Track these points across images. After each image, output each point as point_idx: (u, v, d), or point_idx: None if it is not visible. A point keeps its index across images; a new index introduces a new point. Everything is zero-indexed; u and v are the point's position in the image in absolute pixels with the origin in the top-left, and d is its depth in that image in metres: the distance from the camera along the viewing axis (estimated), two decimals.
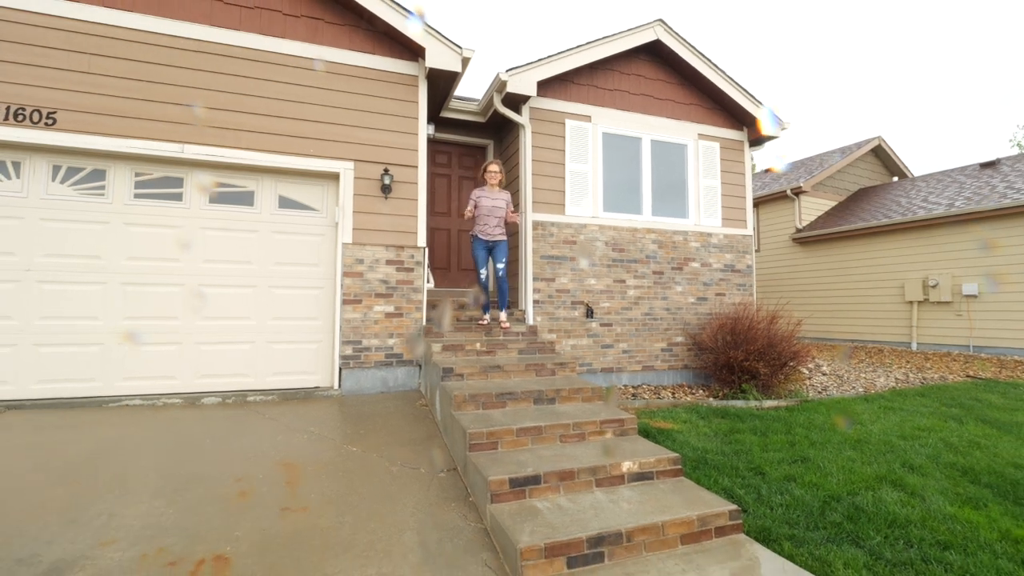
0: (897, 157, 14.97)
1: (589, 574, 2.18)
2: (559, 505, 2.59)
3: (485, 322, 5.20)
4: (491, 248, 5.15)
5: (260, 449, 3.55)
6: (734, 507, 2.59)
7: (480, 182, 5.27)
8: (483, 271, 5.18)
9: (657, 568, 2.22)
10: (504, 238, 5.18)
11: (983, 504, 3.04)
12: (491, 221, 5.07)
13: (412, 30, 5.01)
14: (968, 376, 7.89)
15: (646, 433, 4.08)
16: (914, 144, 46.99)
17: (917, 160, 46.12)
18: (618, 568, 2.22)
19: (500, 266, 5.15)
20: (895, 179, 15.01)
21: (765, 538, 2.58)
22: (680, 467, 3.04)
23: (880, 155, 14.99)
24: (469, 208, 5.06)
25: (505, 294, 5.28)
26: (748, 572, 2.20)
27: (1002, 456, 3.92)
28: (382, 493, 2.97)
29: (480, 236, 5.12)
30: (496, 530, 2.47)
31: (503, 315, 5.26)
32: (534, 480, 2.71)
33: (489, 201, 5.07)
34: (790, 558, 2.37)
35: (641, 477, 2.91)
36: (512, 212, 5.16)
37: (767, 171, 15.51)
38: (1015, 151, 21.99)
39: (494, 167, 5.15)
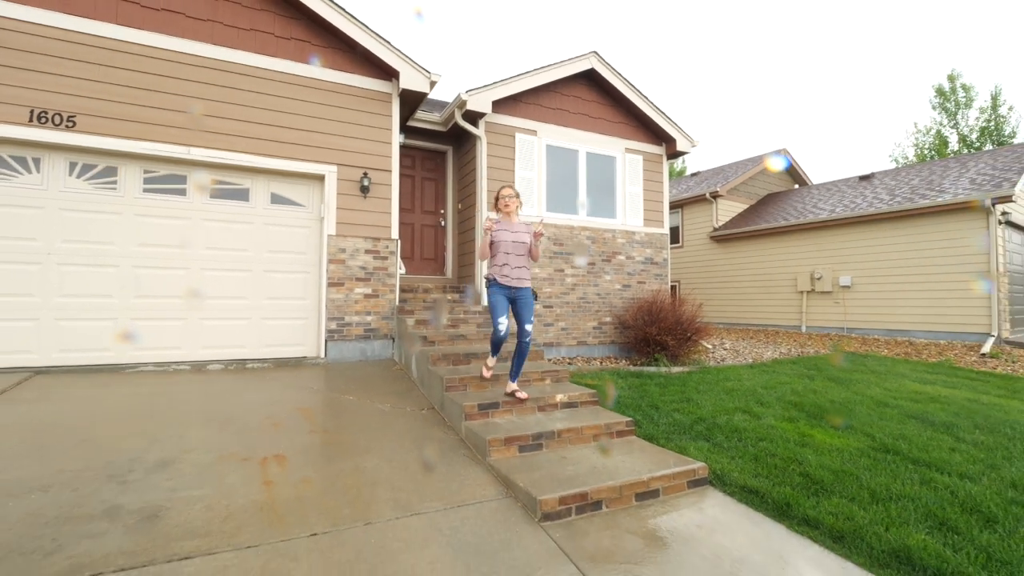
0: (799, 167, 17.27)
1: (533, 455, 3.34)
2: (512, 421, 3.74)
3: (488, 375, 4.20)
4: (513, 298, 3.97)
5: (274, 399, 4.46)
6: (630, 419, 3.85)
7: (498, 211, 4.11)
8: (502, 321, 3.91)
9: (577, 451, 3.42)
10: (529, 283, 4.02)
11: (796, 420, 4.49)
12: (512, 260, 3.92)
13: (388, 56, 5.94)
14: (836, 351, 9.80)
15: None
16: (818, 153, 52.30)
17: (820, 168, 51.47)
18: (551, 452, 3.40)
19: (527, 327, 3.96)
20: (796, 186, 17.32)
21: (650, 439, 3.85)
22: (597, 400, 4.28)
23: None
24: (482, 242, 3.99)
25: (523, 357, 4.02)
26: (631, 450, 3.44)
27: (825, 397, 5.47)
28: (381, 423, 4.00)
29: (498, 280, 3.93)
30: (470, 436, 3.58)
31: (514, 384, 4.04)
32: (494, 406, 3.83)
33: (508, 235, 3.93)
34: (662, 446, 3.64)
35: (569, 405, 4.11)
36: (537, 236, 3.99)
37: (764, 164, 16.69)
38: (892, 165, 25.56)
39: (508, 191, 4.05)
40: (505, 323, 3.96)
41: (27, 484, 2.69)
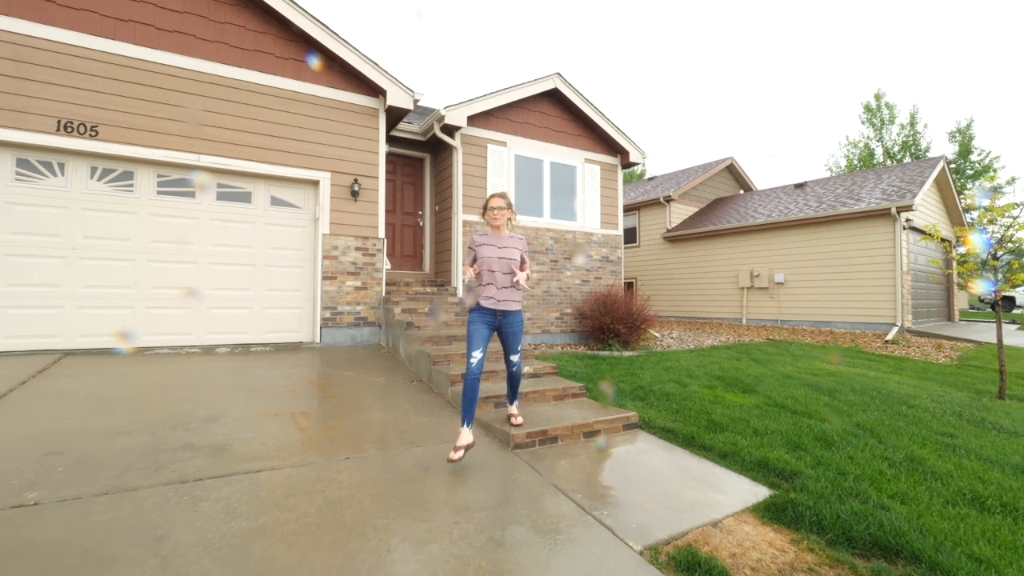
0: (744, 173, 18.83)
1: (506, 410, 4.28)
2: (490, 387, 4.65)
3: (456, 457, 3.12)
4: (498, 324, 3.48)
5: (284, 374, 5.23)
6: (582, 384, 4.84)
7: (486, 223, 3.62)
8: (476, 355, 3.34)
9: (540, 407, 4.37)
10: (518, 307, 3.54)
11: (715, 388, 5.60)
12: (498, 278, 3.44)
13: (377, 77, 6.73)
14: (767, 339, 11.17)
15: None
16: (765, 159, 56.03)
17: (766, 173, 55.51)
18: (521, 408, 4.33)
19: (513, 358, 3.58)
20: (742, 192, 18.90)
21: (598, 399, 4.85)
22: (557, 372, 5.25)
23: (732, 171, 18.77)
24: (468, 264, 3.55)
25: (517, 383, 3.74)
26: (582, 406, 4.43)
27: (745, 373, 6.64)
28: (379, 391, 4.84)
29: (481, 303, 3.45)
30: (455, 398, 4.48)
31: (514, 407, 3.80)
32: None
33: (494, 251, 3.46)
34: (605, 405, 4.65)
35: (534, 376, 5.06)
36: (525, 266, 3.55)
37: (712, 171, 18.54)
38: (827, 173, 27.92)
39: (499, 200, 3.54)
40: (479, 357, 3.33)
41: (112, 431, 3.43)
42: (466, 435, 3.20)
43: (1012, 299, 21.83)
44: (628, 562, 2.31)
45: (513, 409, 3.88)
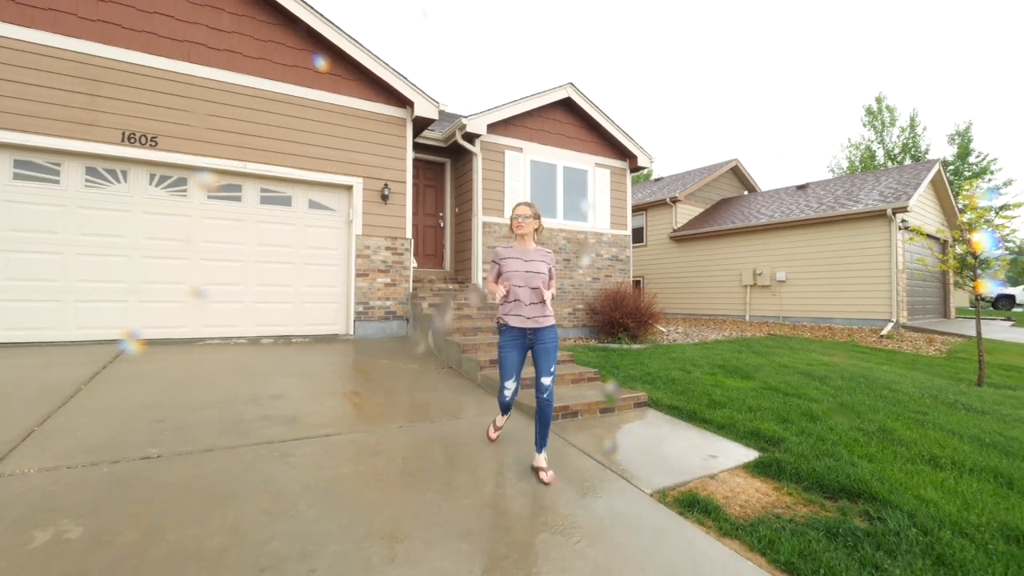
0: (749, 175, 19.30)
1: (531, 390, 4.84)
2: None
3: (494, 436, 3.61)
4: (530, 342, 3.19)
5: (328, 361, 5.81)
6: (596, 370, 5.41)
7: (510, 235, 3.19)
8: (508, 385, 3.23)
9: (560, 389, 4.93)
10: (550, 322, 3.20)
11: (716, 374, 6.15)
12: (525, 294, 3.14)
13: (405, 89, 7.31)
14: (768, 334, 11.68)
15: None
16: (770, 160, 56.45)
17: (771, 173, 56.08)
18: None
19: (545, 381, 3.12)
20: (746, 193, 19.37)
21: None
22: (573, 359, 5.82)
23: (737, 173, 19.24)
24: (492, 279, 3.28)
25: (547, 422, 3.14)
26: (597, 388, 4.99)
27: (744, 362, 7.17)
28: (415, 375, 5.42)
29: (510, 323, 3.18)
30: (485, 381, 5.05)
31: (542, 458, 3.12)
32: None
33: (520, 264, 3.18)
34: (619, 387, 5.21)
35: None
36: (553, 282, 3.26)
37: (717, 172, 19.03)
38: (829, 174, 28.35)
39: (525, 209, 3.27)
40: (512, 388, 3.21)
41: (196, 406, 4.02)
42: (502, 419, 3.57)
43: (1012, 297, 22.19)
44: (641, 501, 2.88)
45: (541, 460, 3.10)
